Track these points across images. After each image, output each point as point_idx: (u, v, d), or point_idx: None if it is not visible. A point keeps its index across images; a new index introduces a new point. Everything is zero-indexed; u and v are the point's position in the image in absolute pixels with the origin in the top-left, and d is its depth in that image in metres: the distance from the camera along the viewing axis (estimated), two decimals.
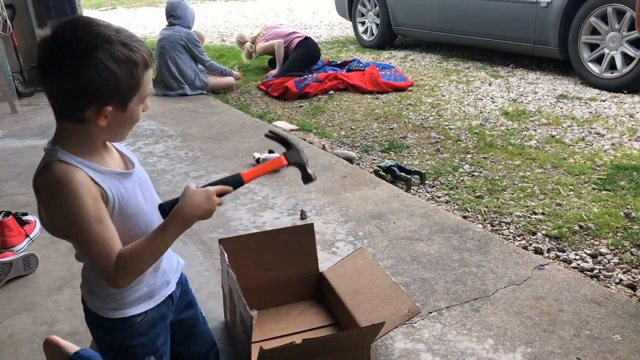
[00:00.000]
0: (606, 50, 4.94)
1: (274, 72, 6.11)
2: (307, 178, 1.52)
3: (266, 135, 1.60)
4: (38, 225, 2.76)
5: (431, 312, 2.02)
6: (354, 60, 6.32)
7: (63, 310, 2.13)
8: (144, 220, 1.34)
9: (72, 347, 1.71)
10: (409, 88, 5.51)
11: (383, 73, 5.72)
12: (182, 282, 1.57)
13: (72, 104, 1.19)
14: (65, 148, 1.22)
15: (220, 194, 1.31)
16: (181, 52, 5.54)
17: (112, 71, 1.16)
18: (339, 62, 6.37)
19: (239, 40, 6.67)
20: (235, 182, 1.38)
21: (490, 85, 5.47)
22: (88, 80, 1.15)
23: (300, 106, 5.16)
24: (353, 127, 4.43)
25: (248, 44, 6.43)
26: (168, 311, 1.48)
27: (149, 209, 1.36)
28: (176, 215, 1.26)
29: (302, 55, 5.99)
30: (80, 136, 1.23)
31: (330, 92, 5.49)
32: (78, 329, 2.01)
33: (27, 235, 2.65)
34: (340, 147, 4.01)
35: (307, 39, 6.14)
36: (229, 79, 5.78)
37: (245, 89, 5.87)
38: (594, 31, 5.04)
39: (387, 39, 7.90)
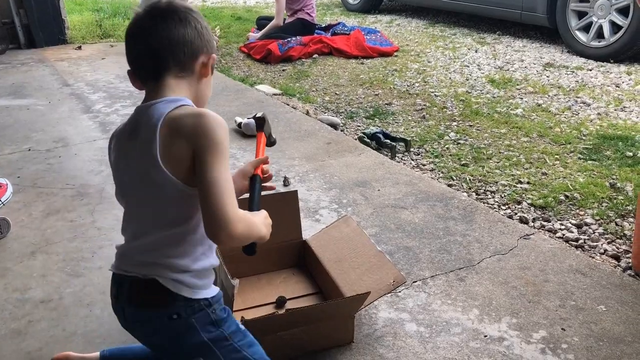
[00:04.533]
0: (594, 19, 4.88)
1: (255, 34, 5.92)
2: (271, 143, 1.68)
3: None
4: (10, 188, 2.65)
5: (415, 282, 1.99)
6: (339, 23, 6.17)
7: (36, 276, 2.05)
8: None
9: (93, 355, 1.58)
10: (395, 53, 5.41)
11: (368, 37, 5.60)
12: None
13: (192, 51, 1.26)
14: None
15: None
16: None
17: (206, 28, 1.30)
18: (323, 26, 6.22)
19: None
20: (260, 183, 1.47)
21: (476, 52, 5.39)
22: (200, 29, 1.27)
23: (284, 70, 5.04)
24: (337, 93, 4.34)
25: None
26: None
27: None
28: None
29: (297, 29, 5.66)
30: (191, 93, 1.29)
31: (314, 56, 5.36)
32: (51, 296, 1.94)
33: None
34: (325, 113, 3.92)
35: (312, 23, 5.82)
36: None
37: (226, 51, 5.71)
38: None
39: (373, 3, 7.75)
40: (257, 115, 1.62)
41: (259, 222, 1.24)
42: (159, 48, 1.23)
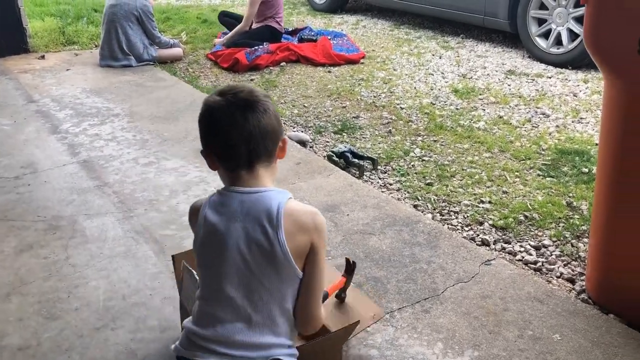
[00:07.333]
0: (553, 26, 5.04)
1: (220, 40, 5.91)
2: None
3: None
4: None
5: (384, 315, 2.09)
6: (305, 28, 6.21)
7: (12, 321, 2.08)
8: None
9: None
10: (361, 60, 5.48)
11: (335, 43, 5.66)
12: None
13: (276, 138, 1.42)
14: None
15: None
16: (133, 22, 5.30)
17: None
18: (290, 30, 6.25)
19: None
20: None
21: (440, 58, 5.50)
22: (277, 115, 1.43)
23: (252, 79, 5.06)
24: (306, 105, 4.40)
25: None
26: None
27: None
28: None
29: (264, 36, 5.66)
30: (274, 176, 1.47)
31: (281, 64, 5.40)
32: (29, 342, 1.97)
33: None
34: (294, 128, 3.98)
35: (279, 32, 5.80)
36: (177, 51, 5.59)
37: (193, 59, 5.70)
38: (542, 6, 5.12)
39: (339, 3, 7.80)
40: (352, 261, 1.88)
41: None
42: (252, 140, 1.36)
